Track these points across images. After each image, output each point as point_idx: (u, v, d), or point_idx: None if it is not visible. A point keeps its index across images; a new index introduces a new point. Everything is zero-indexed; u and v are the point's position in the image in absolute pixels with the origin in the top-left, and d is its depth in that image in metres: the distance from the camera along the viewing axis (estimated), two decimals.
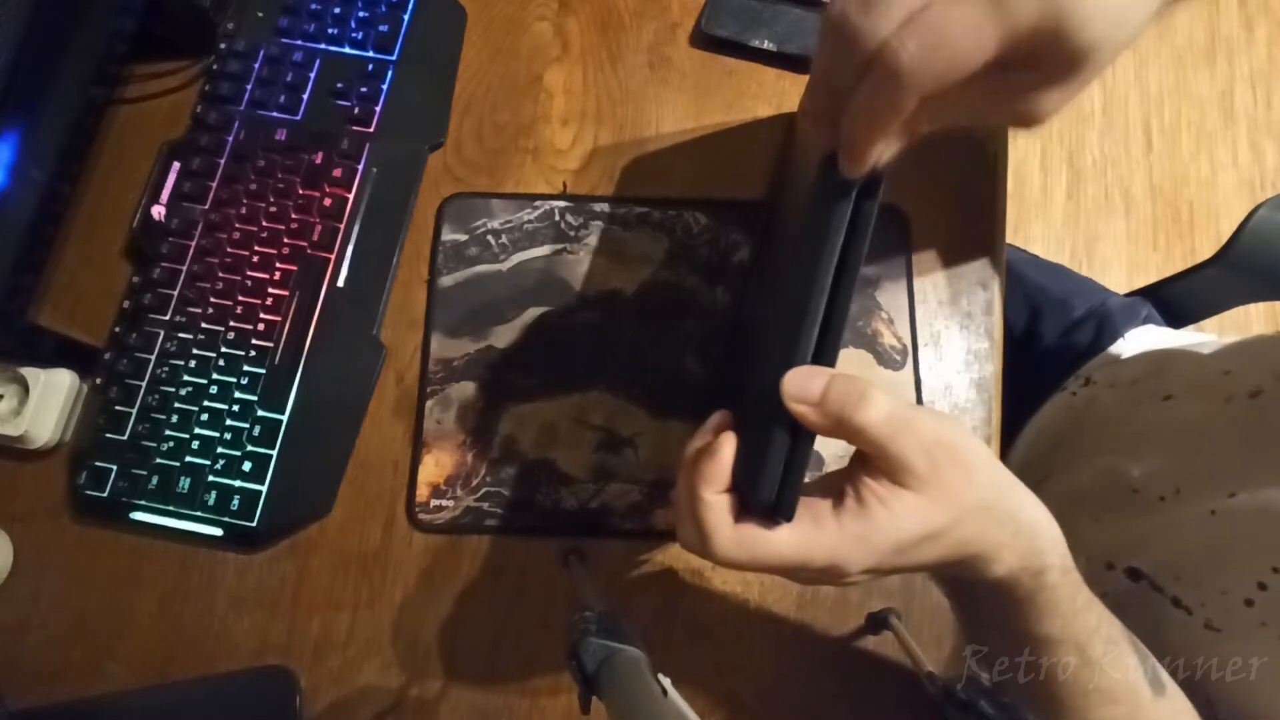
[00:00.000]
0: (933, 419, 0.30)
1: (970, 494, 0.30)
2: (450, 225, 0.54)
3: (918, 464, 0.29)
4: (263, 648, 0.49)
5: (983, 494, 0.30)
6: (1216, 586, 0.41)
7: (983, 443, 0.31)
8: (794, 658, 0.48)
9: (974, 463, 0.30)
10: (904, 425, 0.29)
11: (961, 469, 0.29)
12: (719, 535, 0.30)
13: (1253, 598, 0.39)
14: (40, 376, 0.50)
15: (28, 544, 0.50)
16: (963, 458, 0.30)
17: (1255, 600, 0.39)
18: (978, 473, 0.30)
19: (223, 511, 0.49)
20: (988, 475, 0.31)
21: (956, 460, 0.29)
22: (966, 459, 0.30)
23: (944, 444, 0.29)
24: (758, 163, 0.56)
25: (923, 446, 0.29)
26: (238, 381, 0.51)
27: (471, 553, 0.50)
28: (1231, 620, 0.40)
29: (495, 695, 0.48)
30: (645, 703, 0.30)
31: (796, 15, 0.56)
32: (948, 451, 0.29)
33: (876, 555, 0.30)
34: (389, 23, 0.57)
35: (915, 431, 0.29)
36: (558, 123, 0.57)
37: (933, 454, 0.29)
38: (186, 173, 0.55)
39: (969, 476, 0.30)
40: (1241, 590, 0.39)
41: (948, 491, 0.29)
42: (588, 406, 0.51)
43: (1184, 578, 0.43)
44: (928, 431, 0.29)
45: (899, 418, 0.29)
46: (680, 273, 0.53)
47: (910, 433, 0.29)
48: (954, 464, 0.29)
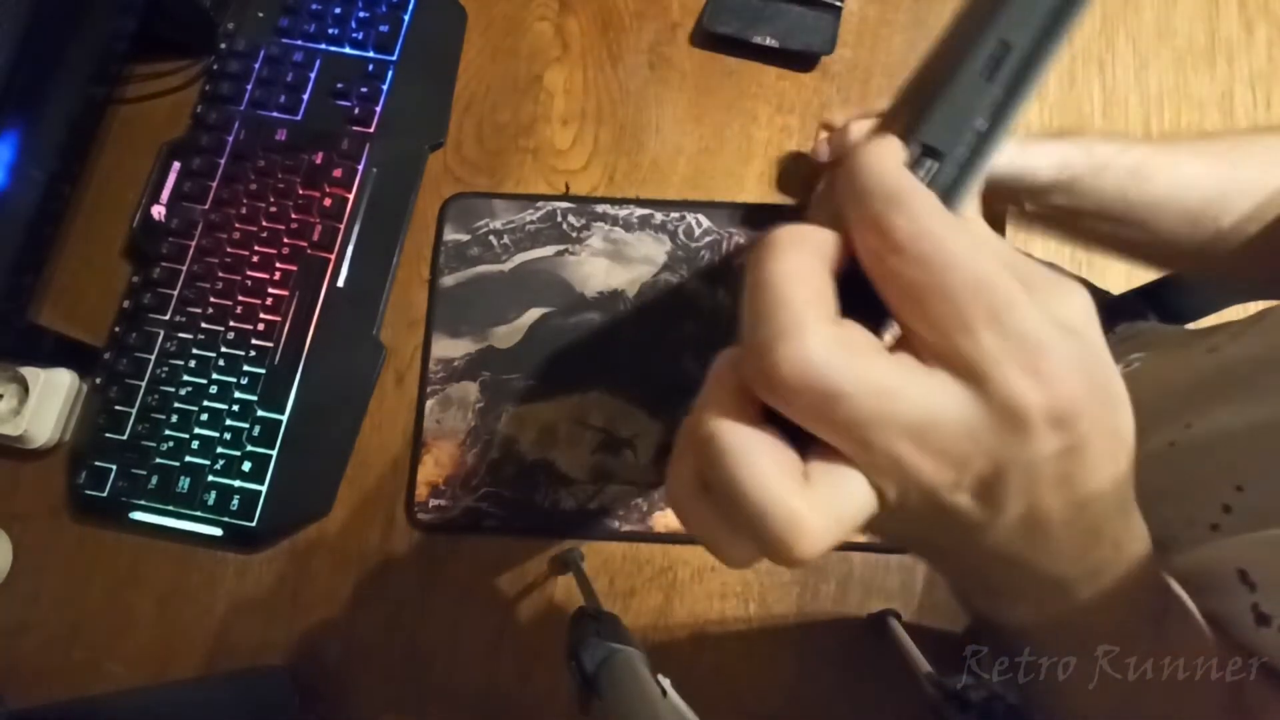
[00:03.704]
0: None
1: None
2: (452, 225, 0.54)
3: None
4: (262, 648, 0.49)
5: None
6: (1183, 518, 0.40)
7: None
8: (794, 658, 0.48)
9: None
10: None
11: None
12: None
13: (1218, 521, 0.38)
14: (40, 376, 0.50)
15: (27, 544, 0.50)
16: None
17: (1221, 524, 0.38)
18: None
19: (222, 511, 0.49)
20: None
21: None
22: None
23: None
24: (759, 164, 0.56)
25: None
26: (237, 381, 0.51)
27: (471, 553, 0.50)
28: (1198, 544, 0.40)
29: (495, 695, 0.48)
30: (645, 703, 0.30)
31: (798, 12, 0.56)
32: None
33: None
34: (389, 23, 0.57)
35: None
36: (558, 123, 0.57)
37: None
38: (186, 172, 0.55)
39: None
40: (1206, 516, 0.39)
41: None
42: (588, 407, 0.51)
43: (1151, 515, 0.43)
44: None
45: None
46: (682, 275, 0.53)
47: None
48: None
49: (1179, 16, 1.26)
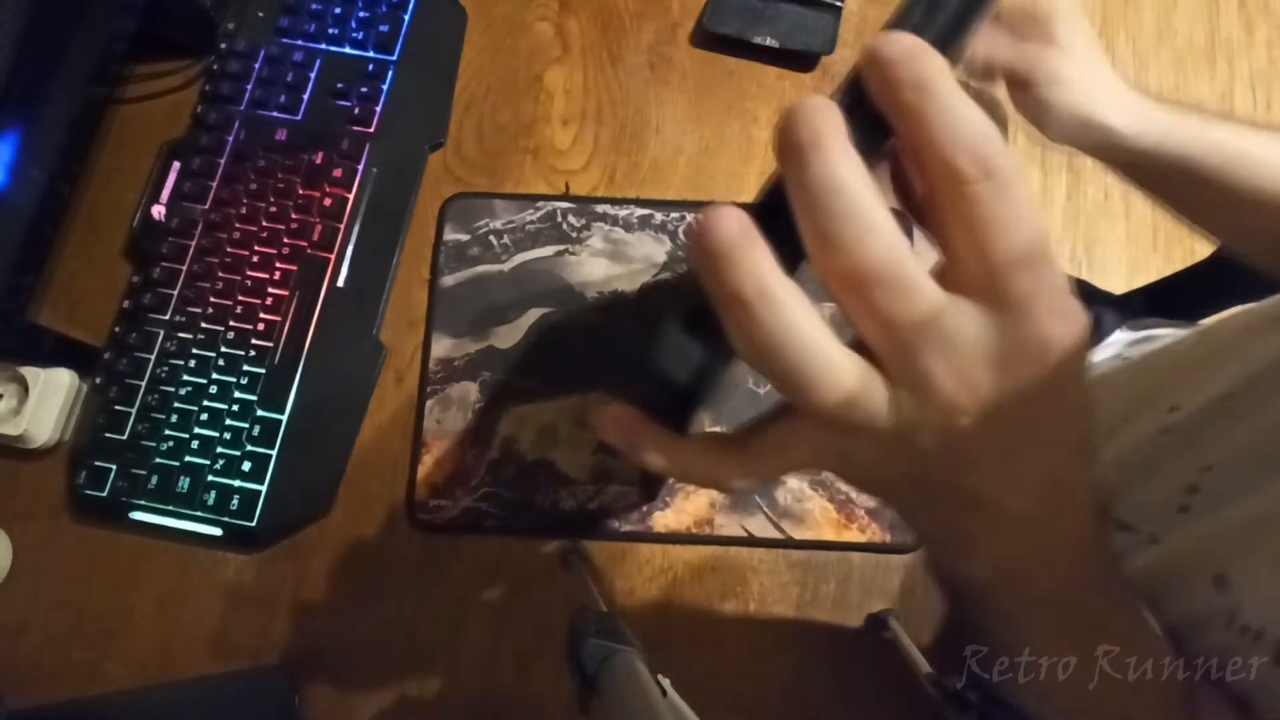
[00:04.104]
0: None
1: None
2: (453, 225, 0.54)
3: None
4: (262, 648, 0.49)
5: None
6: (1156, 499, 0.41)
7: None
8: (793, 658, 0.48)
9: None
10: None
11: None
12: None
13: (1187, 503, 0.38)
14: (40, 376, 0.50)
15: (27, 544, 0.50)
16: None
17: (1190, 505, 0.38)
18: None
19: (222, 511, 0.49)
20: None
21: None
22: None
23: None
24: (759, 164, 0.56)
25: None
26: (237, 381, 0.51)
27: (471, 553, 0.50)
28: (1170, 529, 0.40)
29: (495, 695, 0.48)
30: (645, 703, 0.30)
31: (798, 13, 0.56)
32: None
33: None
34: (389, 23, 0.57)
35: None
36: (558, 123, 0.57)
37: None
38: (186, 172, 0.55)
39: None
40: (1177, 499, 0.39)
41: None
42: (588, 408, 0.51)
43: (1123, 499, 0.43)
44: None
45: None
46: (682, 275, 0.53)
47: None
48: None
49: (1179, 17, 1.26)
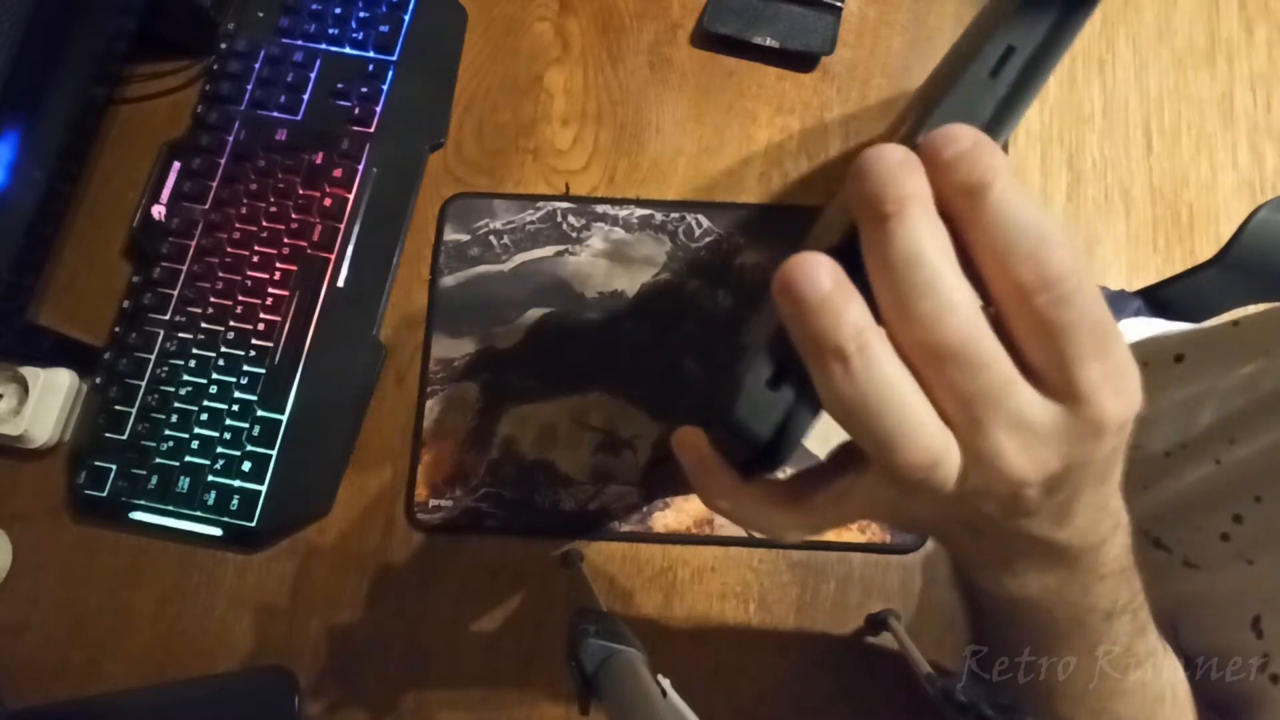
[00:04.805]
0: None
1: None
2: (452, 225, 0.54)
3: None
4: (262, 648, 0.49)
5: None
6: (1197, 523, 0.41)
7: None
8: (793, 659, 0.48)
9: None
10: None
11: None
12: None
13: (1229, 531, 0.39)
14: (40, 376, 0.50)
15: (27, 544, 0.50)
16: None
17: (1232, 535, 0.39)
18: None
19: (222, 511, 0.49)
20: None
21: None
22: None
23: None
24: (759, 164, 0.56)
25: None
26: (237, 381, 0.51)
27: (470, 553, 0.50)
28: (1208, 555, 0.40)
29: (495, 695, 0.48)
30: (645, 704, 0.30)
31: (798, 13, 0.56)
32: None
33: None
34: (389, 23, 0.57)
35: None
36: (558, 123, 0.57)
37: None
38: (187, 172, 0.55)
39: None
40: (1220, 526, 0.39)
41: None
42: (588, 408, 0.51)
43: (1166, 520, 0.43)
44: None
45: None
46: (682, 275, 0.53)
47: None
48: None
49: (1179, 17, 1.26)
